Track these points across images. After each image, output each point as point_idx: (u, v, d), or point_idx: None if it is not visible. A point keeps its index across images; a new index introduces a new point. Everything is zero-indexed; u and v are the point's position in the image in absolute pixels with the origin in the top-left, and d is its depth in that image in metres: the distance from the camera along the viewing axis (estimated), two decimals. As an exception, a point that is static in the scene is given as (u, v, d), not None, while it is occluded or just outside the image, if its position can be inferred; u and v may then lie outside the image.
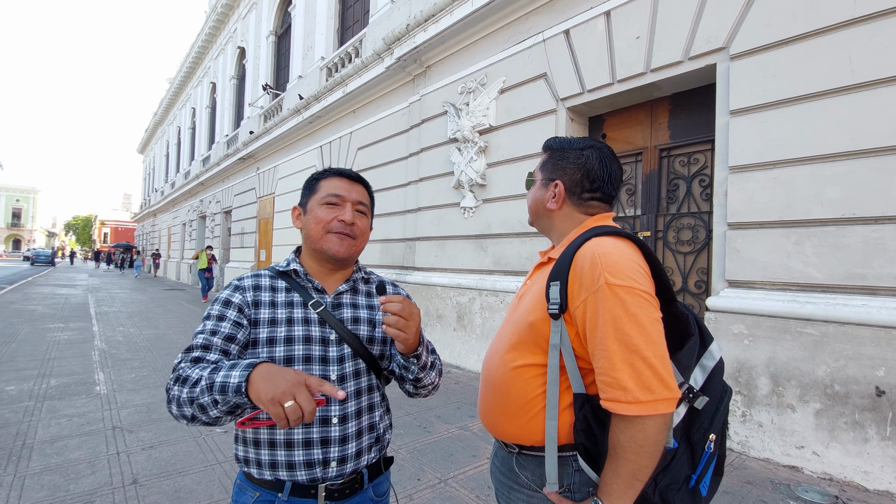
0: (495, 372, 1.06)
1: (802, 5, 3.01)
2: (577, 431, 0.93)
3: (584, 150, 1.10)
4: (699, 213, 3.86)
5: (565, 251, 1.00)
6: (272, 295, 1.08)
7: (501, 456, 1.11)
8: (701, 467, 0.92)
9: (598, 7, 4.26)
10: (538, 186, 1.15)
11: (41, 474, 2.63)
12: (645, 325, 0.86)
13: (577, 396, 0.94)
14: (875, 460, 2.59)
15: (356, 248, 1.13)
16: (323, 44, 9.80)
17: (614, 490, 0.86)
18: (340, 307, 1.12)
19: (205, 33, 18.39)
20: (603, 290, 0.88)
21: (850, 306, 2.73)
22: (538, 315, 0.98)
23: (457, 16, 5.49)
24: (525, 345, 1.01)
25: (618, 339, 0.86)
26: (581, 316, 0.91)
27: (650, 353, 0.85)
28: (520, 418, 1.00)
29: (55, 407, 3.78)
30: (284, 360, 1.03)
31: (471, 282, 5.42)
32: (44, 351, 5.83)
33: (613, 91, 4.18)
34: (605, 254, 0.91)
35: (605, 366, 0.87)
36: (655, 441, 0.84)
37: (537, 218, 1.17)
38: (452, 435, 3.37)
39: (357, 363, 1.10)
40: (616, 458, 0.86)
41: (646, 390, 0.83)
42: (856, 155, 2.79)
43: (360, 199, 1.14)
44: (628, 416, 0.84)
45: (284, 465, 1.01)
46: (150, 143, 34.82)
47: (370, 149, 7.72)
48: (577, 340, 0.94)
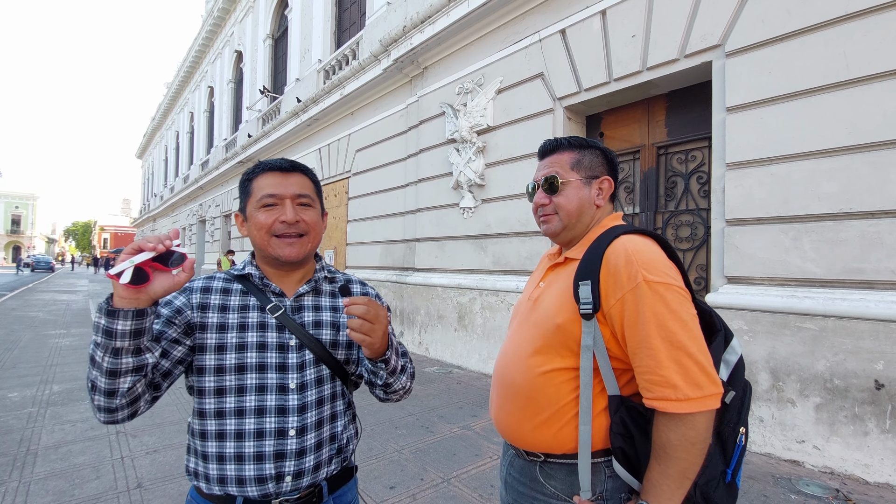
0: (519, 378, 1.01)
1: (796, 1, 3.02)
2: (614, 435, 0.91)
3: (604, 149, 1.10)
4: (697, 210, 3.88)
5: (591, 250, 0.96)
6: (223, 298, 1.00)
7: (519, 465, 1.05)
8: (734, 461, 0.91)
9: (594, 6, 4.28)
10: (577, 186, 1.06)
11: (46, 480, 2.64)
12: (687, 321, 0.86)
13: (613, 398, 0.92)
14: (875, 453, 2.60)
15: (309, 245, 1.03)
16: (320, 46, 9.82)
17: (664, 491, 0.84)
18: (301, 310, 1.04)
19: (202, 37, 18.42)
20: (642, 288, 0.87)
21: (849, 301, 2.75)
22: (566, 316, 0.95)
23: (453, 17, 5.50)
24: (553, 348, 0.97)
25: (662, 336, 0.84)
26: (618, 314, 0.89)
27: (695, 349, 0.84)
28: (551, 426, 0.96)
29: (58, 413, 3.79)
30: (236, 368, 0.95)
31: (471, 282, 5.44)
32: (46, 357, 5.84)
33: (610, 90, 4.20)
34: (639, 251, 0.91)
35: (650, 364, 0.85)
36: (705, 438, 0.84)
37: (580, 218, 1.07)
38: (455, 434, 3.39)
39: (320, 370, 1.02)
40: (666, 458, 0.84)
41: (695, 387, 0.82)
42: (852, 150, 2.81)
43: (300, 190, 1.02)
44: (679, 413, 0.82)
45: (234, 480, 0.93)
46: (149, 148, 34.84)
47: (369, 150, 7.74)
48: (613, 340, 0.91)
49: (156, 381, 0.92)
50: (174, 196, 23.56)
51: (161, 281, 0.81)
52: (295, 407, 0.97)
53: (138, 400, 0.87)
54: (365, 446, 3.13)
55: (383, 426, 3.52)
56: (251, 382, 0.96)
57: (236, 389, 0.95)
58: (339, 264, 8.66)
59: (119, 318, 0.77)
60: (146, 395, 0.89)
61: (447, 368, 5.39)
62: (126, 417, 0.87)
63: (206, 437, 0.96)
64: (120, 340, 0.78)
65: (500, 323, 5.02)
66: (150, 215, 31.33)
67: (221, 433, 0.95)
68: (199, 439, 0.97)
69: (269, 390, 0.96)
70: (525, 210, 4.89)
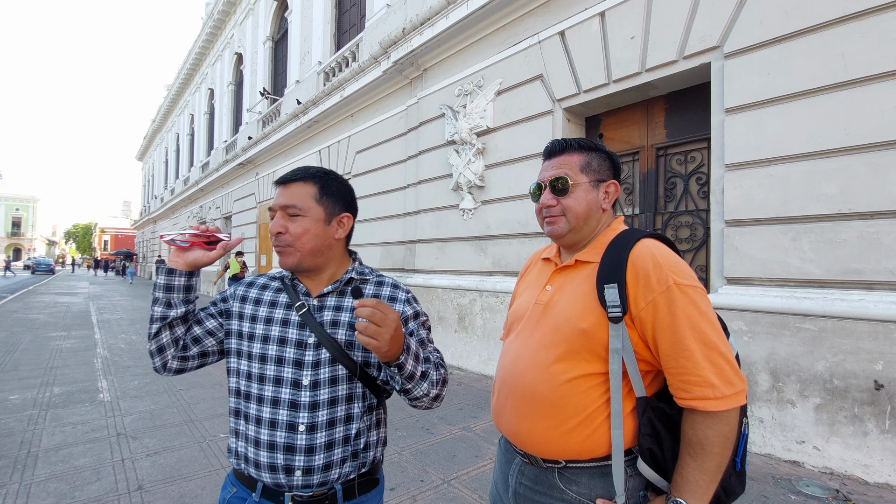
0: (542, 387, 0.99)
1: (794, 3, 3.03)
2: (643, 436, 0.92)
3: (609, 153, 1.10)
4: (697, 211, 3.88)
5: (611, 253, 0.97)
6: (260, 293, 1.11)
7: (533, 473, 1.03)
8: (741, 450, 0.95)
9: (593, 8, 4.29)
10: (585, 189, 1.05)
11: (47, 482, 2.64)
12: (714, 323, 0.90)
13: (640, 400, 0.94)
14: (875, 453, 2.60)
15: (299, 254, 1.04)
16: (320, 48, 9.84)
17: (700, 486, 0.87)
18: (323, 309, 1.07)
19: (202, 40, 18.46)
20: (673, 291, 0.89)
21: (848, 301, 2.75)
22: (592, 320, 0.95)
23: (452, 19, 5.52)
24: (578, 354, 0.96)
25: (696, 337, 0.87)
26: (650, 318, 0.90)
27: (725, 349, 0.88)
28: (580, 432, 0.95)
29: (59, 415, 3.79)
30: (259, 356, 1.04)
31: (471, 283, 5.44)
32: (46, 359, 5.85)
33: (609, 91, 4.21)
34: (665, 255, 0.93)
35: (686, 366, 0.87)
36: (735, 432, 0.88)
37: (587, 221, 1.06)
38: (455, 436, 3.39)
39: (335, 369, 1.03)
40: (703, 454, 0.86)
41: (728, 384, 0.86)
42: (850, 150, 2.81)
43: (288, 202, 1.04)
44: (716, 411, 0.85)
45: (253, 462, 1.01)
46: (149, 150, 34.89)
47: (369, 152, 7.75)
48: (641, 343, 0.93)
49: (185, 342, 1.08)
50: (174, 198, 23.58)
51: (195, 252, 1.06)
52: (306, 403, 1.01)
53: (164, 350, 1.05)
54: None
55: (383, 428, 3.52)
56: (270, 373, 1.03)
57: (258, 377, 1.03)
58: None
59: (160, 273, 1.05)
60: (172, 350, 1.06)
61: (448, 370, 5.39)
62: (160, 366, 1.07)
63: (238, 415, 1.06)
64: (157, 291, 1.04)
65: (500, 324, 5.02)
66: (151, 217, 31.37)
67: (247, 415, 1.03)
68: (234, 417, 1.07)
69: (285, 384, 1.02)
70: (525, 211, 4.89)
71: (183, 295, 1.05)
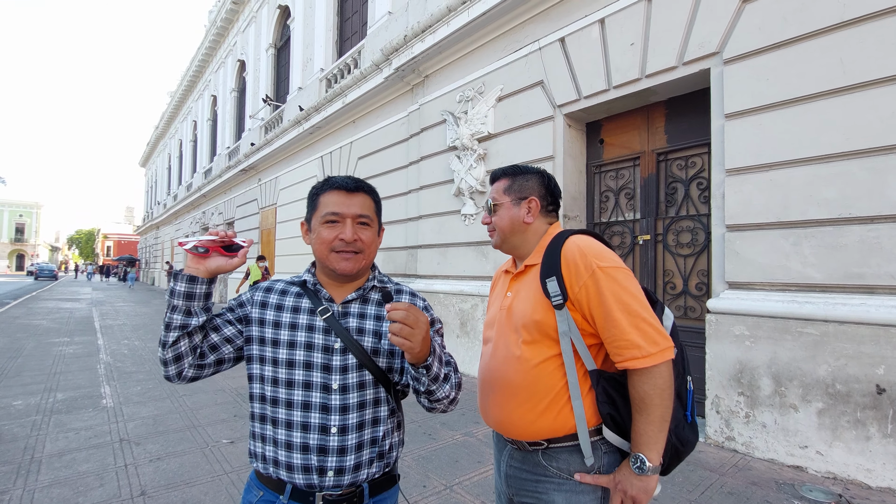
0: (514, 376, 1.14)
1: (793, 9, 3.06)
2: (601, 404, 1.07)
3: (539, 173, 1.28)
4: (698, 216, 3.89)
5: (548, 252, 1.14)
6: (280, 299, 1.11)
7: (520, 456, 1.18)
8: (690, 405, 1.13)
9: (593, 15, 4.33)
10: (508, 207, 1.26)
11: (50, 487, 2.65)
12: (636, 294, 1.05)
13: (592, 373, 1.09)
14: (877, 458, 2.59)
15: (364, 262, 1.11)
16: (322, 55, 9.92)
17: (650, 436, 1.01)
18: (347, 316, 1.10)
19: (205, 47, 18.61)
20: (597, 273, 1.05)
21: (849, 305, 2.75)
22: (542, 311, 1.11)
23: (453, 26, 5.56)
24: (539, 341, 1.12)
25: (620, 308, 1.03)
26: (584, 298, 1.06)
27: (647, 315, 1.04)
28: (551, 411, 1.10)
29: (62, 421, 3.80)
30: (286, 362, 1.05)
31: (473, 288, 5.45)
32: (50, 365, 5.87)
33: (609, 97, 4.23)
34: (589, 245, 1.10)
35: (616, 333, 1.03)
36: (670, 384, 1.02)
37: (511, 234, 1.26)
38: (457, 441, 3.39)
39: (363, 374, 1.07)
40: (645, 407, 1.01)
41: (652, 343, 1.01)
42: (850, 155, 2.83)
43: (361, 211, 1.10)
44: (646, 367, 1.00)
45: (284, 465, 1.02)
46: (152, 157, 35.07)
47: (370, 158, 7.79)
48: (584, 322, 1.08)
49: (202, 350, 1.06)
50: (177, 204, 23.68)
51: (216, 259, 1.05)
52: (337, 406, 1.04)
53: (182, 359, 1.03)
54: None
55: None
56: (299, 378, 1.05)
57: (286, 382, 1.05)
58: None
59: (178, 281, 1.01)
60: (189, 358, 1.04)
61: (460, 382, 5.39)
62: (174, 375, 1.04)
63: (264, 420, 1.06)
64: (176, 298, 1.00)
65: (501, 329, 5.02)
66: (154, 223, 31.48)
67: (275, 420, 1.04)
68: (259, 422, 1.07)
69: (315, 388, 1.04)
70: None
71: (203, 303, 1.04)
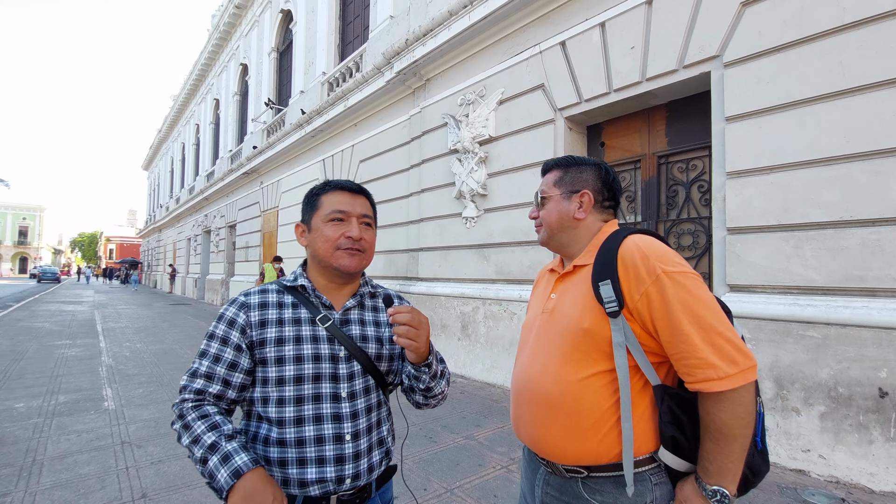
0: (554, 390, 1.01)
1: (792, 13, 3.06)
2: (664, 424, 0.93)
3: (596, 165, 1.16)
4: (699, 219, 3.89)
5: (602, 252, 1.01)
6: (279, 312, 1.06)
7: (557, 483, 1.04)
8: (760, 429, 0.95)
9: (593, 19, 4.34)
10: (557, 200, 1.15)
11: (52, 490, 2.65)
12: (709, 304, 0.90)
13: (656, 389, 0.95)
14: (880, 462, 2.58)
15: (366, 261, 1.12)
16: (324, 59, 9.96)
17: (730, 468, 0.88)
18: (349, 323, 1.11)
19: (208, 51, 18.71)
20: (662, 279, 0.91)
21: (851, 308, 2.75)
22: (593, 318, 0.98)
23: (454, 30, 5.59)
24: (585, 353, 0.99)
25: (691, 321, 0.88)
26: (645, 308, 0.93)
27: (724, 328, 0.88)
28: (595, 433, 0.96)
29: (64, 423, 3.81)
30: (294, 379, 1.01)
31: (474, 291, 5.45)
32: (52, 368, 5.88)
33: (610, 100, 4.24)
34: (650, 246, 0.96)
35: (686, 350, 0.88)
36: (752, 410, 0.88)
37: (559, 231, 1.15)
38: (458, 444, 3.38)
39: (367, 380, 1.09)
40: (724, 438, 0.87)
41: (731, 363, 0.86)
42: (851, 158, 2.83)
43: (365, 211, 1.13)
44: (723, 391, 0.86)
45: (296, 482, 1.00)
46: (155, 160, 35.22)
47: (372, 161, 7.81)
48: (645, 335, 0.94)
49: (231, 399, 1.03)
50: (179, 207, 23.75)
51: None
52: (348, 414, 1.04)
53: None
54: (368, 456, 3.13)
55: (387, 436, 3.52)
56: (308, 392, 1.02)
57: (295, 399, 1.02)
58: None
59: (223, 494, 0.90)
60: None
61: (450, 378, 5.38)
62: None
63: (268, 442, 1.01)
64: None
65: (503, 332, 5.02)
66: (156, 226, 31.58)
67: (282, 440, 1.00)
68: (262, 444, 1.02)
69: (324, 399, 1.03)
70: (527, 220, 4.91)
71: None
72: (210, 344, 1.02)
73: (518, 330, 4.82)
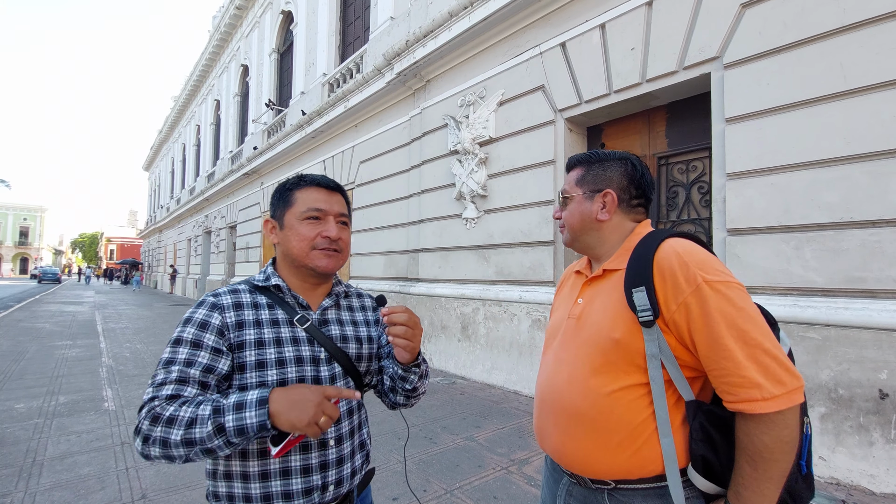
0: (582, 402, 0.96)
1: (793, 14, 3.07)
2: (695, 442, 0.86)
3: (622, 159, 1.08)
4: (699, 220, 3.89)
5: (636, 256, 0.94)
6: (255, 313, 0.99)
7: (581, 495, 1.00)
8: (806, 452, 0.89)
9: (594, 20, 4.35)
10: (579, 201, 1.08)
11: (51, 490, 2.66)
12: (755, 317, 0.84)
13: (689, 404, 0.88)
14: (881, 463, 2.58)
15: (343, 261, 1.08)
16: (324, 60, 9.97)
17: (766, 495, 0.81)
18: (328, 323, 1.07)
19: (208, 52, 18.73)
20: (703, 289, 0.84)
21: (851, 310, 2.74)
22: (625, 328, 0.92)
23: (455, 31, 5.59)
24: (616, 365, 0.92)
25: (734, 336, 0.82)
26: (683, 320, 0.86)
27: (770, 345, 0.82)
28: (626, 448, 0.91)
29: (64, 424, 3.81)
30: (277, 384, 0.94)
31: (474, 292, 5.45)
32: (52, 368, 5.88)
33: (610, 101, 4.24)
34: (690, 252, 0.89)
35: (727, 367, 0.82)
36: (797, 434, 0.81)
37: (582, 233, 1.09)
38: (458, 446, 3.38)
39: (347, 382, 1.05)
40: (763, 462, 0.81)
41: (777, 383, 0.80)
42: (851, 159, 2.83)
43: (342, 210, 1.08)
44: (768, 413, 0.79)
45: (280, 495, 0.93)
46: (156, 161, 35.25)
47: (372, 162, 7.82)
48: (680, 347, 0.88)
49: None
50: (180, 208, 23.77)
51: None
52: None
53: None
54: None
55: (387, 437, 3.52)
56: None
57: None
58: (344, 275, 8.70)
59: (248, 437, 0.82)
60: None
61: (451, 379, 5.39)
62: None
63: (247, 456, 0.94)
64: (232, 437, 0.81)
65: (503, 333, 5.02)
66: (157, 227, 31.59)
67: (264, 450, 0.94)
68: (241, 459, 0.94)
69: None
70: (527, 221, 4.92)
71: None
72: (177, 350, 0.90)
73: (518, 331, 4.82)
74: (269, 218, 1.10)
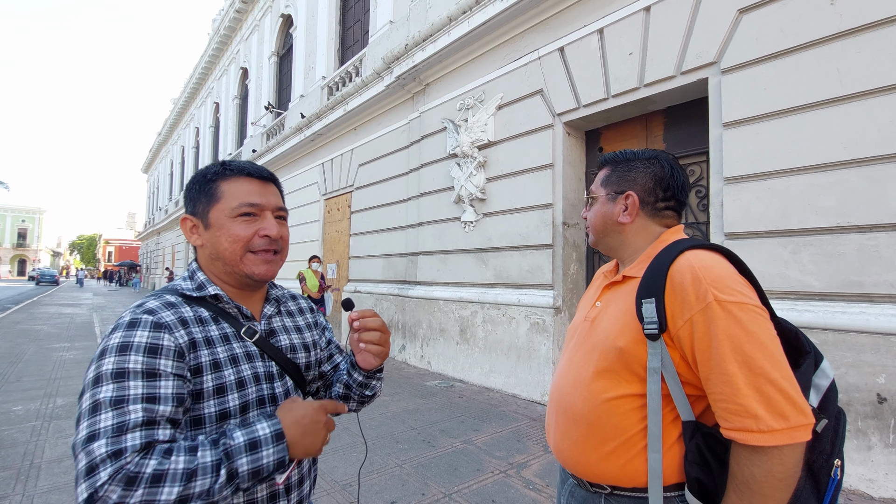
0: (581, 405, 0.95)
1: (790, 20, 3.09)
2: (689, 464, 0.83)
3: (650, 158, 1.04)
4: (697, 224, 3.91)
5: (653, 266, 0.91)
6: (203, 330, 0.83)
7: (582, 496, 1.00)
8: (829, 498, 0.82)
9: (592, 25, 4.37)
10: (602, 202, 1.06)
11: (49, 493, 2.65)
12: (766, 344, 0.79)
13: (687, 424, 0.85)
14: (879, 468, 2.58)
15: (282, 263, 0.94)
16: (324, 63, 10.00)
17: None
18: (275, 334, 0.96)
19: (208, 55, 18.77)
20: (713, 308, 0.80)
21: (849, 314, 2.75)
22: (630, 337, 0.90)
23: (454, 35, 5.62)
24: (617, 373, 0.91)
25: (738, 361, 0.78)
26: (687, 337, 0.83)
27: (778, 375, 0.76)
28: (619, 457, 0.90)
29: (62, 426, 3.80)
30: (240, 409, 0.83)
31: (473, 295, 5.46)
32: (50, 370, 5.87)
33: (608, 106, 4.26)
34: (707, 267, 0.84)
35: (726, 392, 0.78)
36: (794, 473, 0.77)
37: (604, 235, 1.07)
38: (456, 449, 3.38)
39: (298, 395, 0.97)
40: (750, 494, 0.77)
41: (779, 417, 0.75)
42: (848, 164, 2.84)
43: (279, 202, 0.93)
44: (763, 447, 0.75)
45: None
46: (155, 163, 35.25)
47: (371, 165, 7.83)
48: (683, 364, 0.85)
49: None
50: (179, 210, 23.76)
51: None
52: None
53: None
54: (367, 461, 3.12)
55: (385, 440, 3.51)
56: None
57: None
58: (342, 277, 8.70)
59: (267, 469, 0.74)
60: None
61: (449, 382, 5.39)
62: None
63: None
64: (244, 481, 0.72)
65: (501, 336, 5.02)
66: (155, 229, 31.55)
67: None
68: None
69: None
70: (526, 224, 4.93)
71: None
72: (124, 384, 0.70)
73: (517, 334, 4.82)
74: (188, 215, 0.91)
